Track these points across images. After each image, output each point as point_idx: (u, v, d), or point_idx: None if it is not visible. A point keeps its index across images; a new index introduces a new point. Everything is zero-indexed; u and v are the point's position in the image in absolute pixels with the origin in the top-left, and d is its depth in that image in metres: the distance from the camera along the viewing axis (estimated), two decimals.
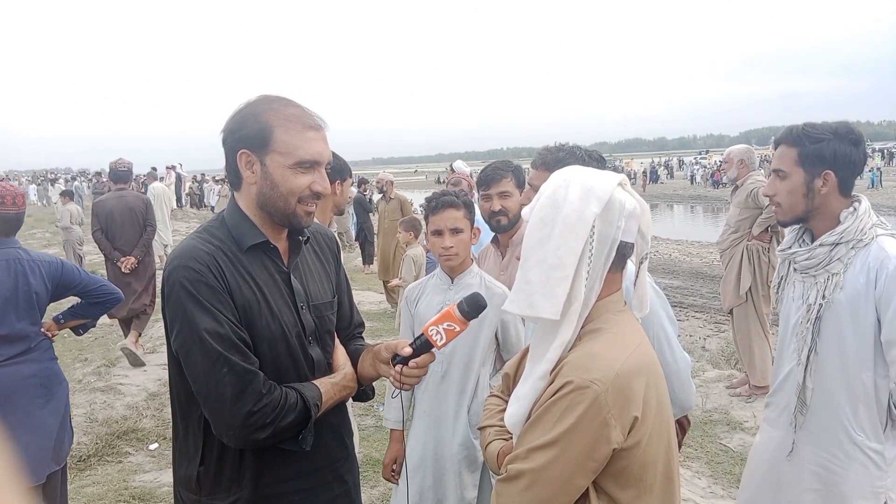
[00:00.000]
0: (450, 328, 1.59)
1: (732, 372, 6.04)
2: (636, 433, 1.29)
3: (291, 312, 1.63)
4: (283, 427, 1.52)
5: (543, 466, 1.28)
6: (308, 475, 1.66)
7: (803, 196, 2.03)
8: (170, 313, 1.53)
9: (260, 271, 1.59)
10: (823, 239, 2.02)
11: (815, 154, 1.99)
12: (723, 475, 4.15)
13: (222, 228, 1.61)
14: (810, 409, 2.03)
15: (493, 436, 1.58)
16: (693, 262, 14.28)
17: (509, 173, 2.89)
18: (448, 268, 2.58)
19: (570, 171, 1.45)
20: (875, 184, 33.10)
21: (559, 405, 1.29)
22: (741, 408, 5.17)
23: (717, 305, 8.26)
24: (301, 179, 1.55)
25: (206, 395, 1.49)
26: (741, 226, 5.26)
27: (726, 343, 7.06)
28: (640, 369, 1.33)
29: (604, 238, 1.36)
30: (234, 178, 1.61)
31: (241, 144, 1.55)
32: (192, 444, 1.60)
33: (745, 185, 5.21)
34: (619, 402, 1.27)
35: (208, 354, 1.46)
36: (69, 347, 7.79)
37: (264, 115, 1.55)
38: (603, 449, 1.27)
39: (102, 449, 4.61)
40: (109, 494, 3.99)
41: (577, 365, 1.31)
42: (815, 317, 2.00)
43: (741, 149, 5.47)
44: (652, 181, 46.26)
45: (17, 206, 3.04)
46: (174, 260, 1.53)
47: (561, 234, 1.34)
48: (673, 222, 25.41)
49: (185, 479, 1.63)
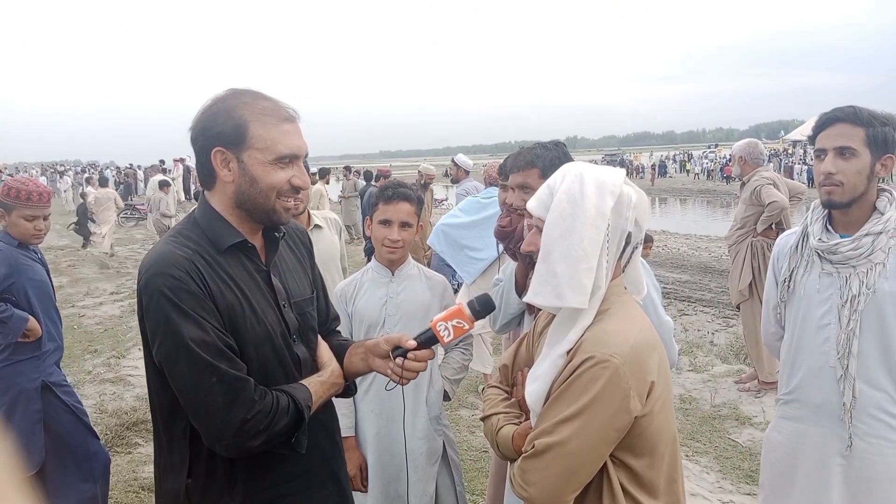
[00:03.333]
0: (458, 325, 1.61)
1: (741, 367, 6.01)
2: (651, 400, 1.39)
3: (274, 312, 1.58)
4: (277, 432, 1.48)
5: (569, 438, 1.37)
6: (302, 476, 1.63)
7: (867, 178, 2.00)
8: (150, 324, 1.45)
9: (239, 272, 1.54)
10: (870, 228, 1.99)
11: (884, 137, 1.98)
12: (731, 470, 4.13)
13: (196, 230, 1.54)
14: (857, 400, 2.01)
15: (503, 421, 1.63)
16: (701, 257, 14.21)
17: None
18: (389, 260, 2.54)
19: (579, 166, 1.53)
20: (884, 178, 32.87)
21: (582, 379, 1.38)
22: (750, 403, 5.16)
23: (726, 300, 8.23)
24: (281, 174, 1.51)
25: (196, 407, 1.43)
26: (747, 222, 5.30)
27: (735, 338, 7.04)
28: (649, 342, 1.44)
29: (616, 229, 1.46)
30: (207, 178, 1.55)
31: (215, 142, 1.49)
32: (178, 456, 1.53)
33: (751, 182, 5.25)
34: (637, 373, 1.37)
35: (195, 364, 1.40)
36: (79, 339, 7.84)
37: (237, 109, 1.48)
38: (624, 418, 1.37)
39: (112, 440, 4.65)
40: (119, 485, 4.02)
41: (595, 341, 1.41)
42: (861, 307, 1.98)
43: (742, 145, 5.50)
44: (660, 175, 46.13)
45: (42, 202, 3.02)
46: (151, 267, 1.45)
47: (583, 228, 1.42)
48: (682, 216, 25.30)
49: (171, 493, 1.55)
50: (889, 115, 2.01)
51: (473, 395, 5.47)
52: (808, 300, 2.11)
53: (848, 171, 1.99)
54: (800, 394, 2.14)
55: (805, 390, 2.12)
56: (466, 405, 5.28)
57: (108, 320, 8.80)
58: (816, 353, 2.08)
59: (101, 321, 8.75)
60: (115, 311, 9.30)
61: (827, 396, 2.05)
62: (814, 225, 2.12)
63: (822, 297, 2.07)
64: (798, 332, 2.15)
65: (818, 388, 2.08)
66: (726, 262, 11.56)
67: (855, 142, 1.98)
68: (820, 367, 2.06)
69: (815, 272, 2.10)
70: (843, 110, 2.02)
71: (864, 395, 2.00)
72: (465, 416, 5.09)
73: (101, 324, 8.63)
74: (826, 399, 2.06)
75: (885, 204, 2.01)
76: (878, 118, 1.98)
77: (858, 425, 2.01)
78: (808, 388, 2.11)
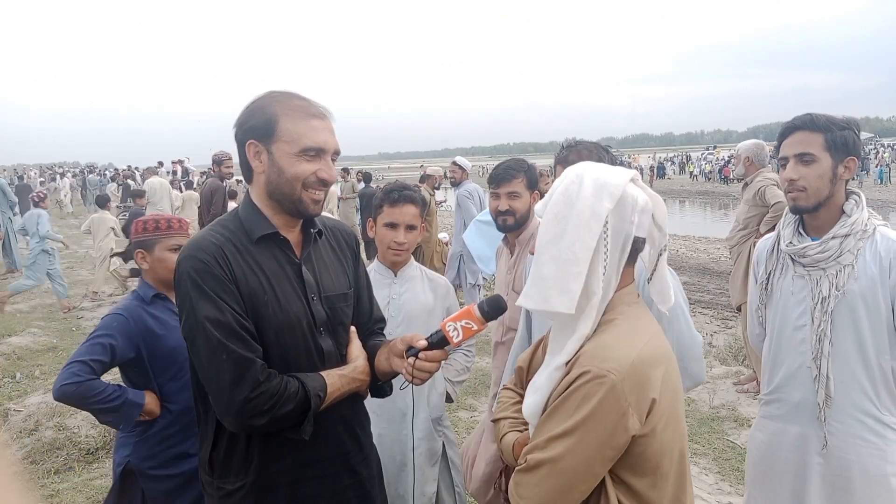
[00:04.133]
0: (468, 326, 1.61)
1: (740, 368, 6.02)
2: (652, 419, 1.32)
3: (302, 303, 1.65)
4: (283, 415, 1.54)
5: (562, 455, 1.31)
6: (315, 464, 1.68)
7: (829, 181, 2.04)
8: (178, 302, 1.58)
9: (269, 262, 1.63)
10: (836, 231, 2.05)
11: (842, 141, 2.03)
12: (730, 472, 4.13)
13: (235, 221, 1.67)
14: (833, 399, 2.04)
15: (507, 428, 1.61)
16: (700, 258, 14.22)
17: (521, 174, 2.84)
18: (392, 262, 2.55)
19: (583, 166, 1.47)
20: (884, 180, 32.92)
21: (577, 395, 1.32)
22: (748, 404, 5.16)
23: (725, 302, 8.23)
24: (306, 166, 1.60)
25: (208, 381, 1.54)
26: (749, 223, 5.26)
27: (734, 339, 7.04)
28: (655, 359, 1.35)
29: (618, 233, 1.38)
30: (247, 171, 1.66)
31: (248, 135, 1.61)
32: (209, 428, 1.66)
33: (754, 183, 5.20)
34: (636, 391, 1.30)
35: (209, 341, 1.51)
36: (78, 341, 7.82)
37: (270, 106, 1.61)
38: (620, 437, 1.30)
39: (110, 442, 4.63)
40: None
41: (593, 355, 1.34)
42: (831, 308, 2.02)
43: (749, 145, 5.44)
44: (659, 177, 46.18)
45: (183, 229, 2.58)
46: (185, 251, 1.58)
47: (575, 230, 1.36)
48: (680, 218, 25.31)
49: (203, 460, 1.69)
50: (849, 120, 2.07)
51: (472, 397, 5.48)
52: (784, 302, 2.16)
53: (809, 176, 2.05)
54: (780, 393, 2.18)
55: (785, 390, 2.16)
56: (465, 407, 5.28)
57: None
58: (794, 354, 2.12)
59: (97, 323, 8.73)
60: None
61: (805, 395, 2.09)
62: (785, 229, 2.18)
63: (796, 298, 2.12)
64: (777, 333, 2.19)
65: (796, 387, 2.12)
66: (725, 264, 11.57)
67: (814, 147, 2.04)
68: (798, 367, 2.11)
69: (789, 275, 2.15)
70: (801, 118, 2.09)
71: (840, 395, 2.03)
72: (464, 417, 5.09)
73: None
74: (804, 398, 2.10)
75: (851, 206, 2.06)
76: (836, 123, 2.04)
77: (835, 424, 2.04)
78: (788, 387, 2.15)
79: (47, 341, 7.81)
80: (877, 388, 2.02)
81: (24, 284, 9.55)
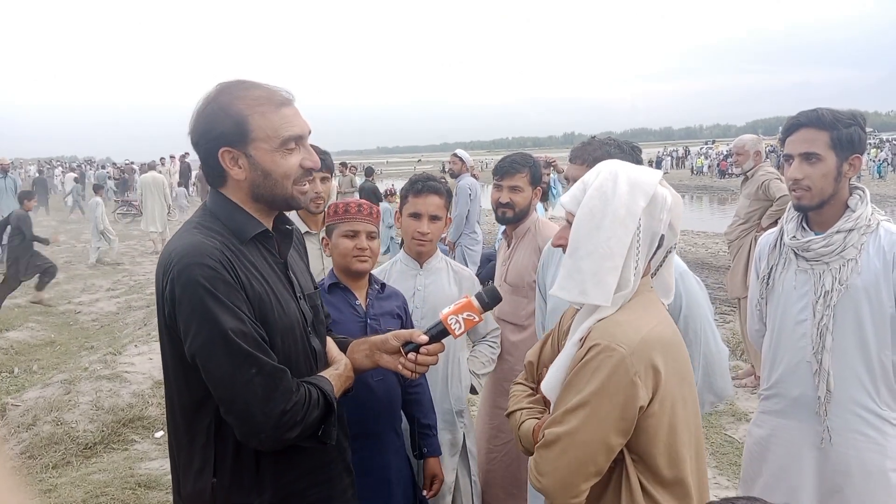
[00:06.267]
0: (469, 318, 1.63)
1: (738, 363, 6.02)
2: (659, 395, 1.38)
3: (295, 303, 1.59)
4: (310, 423, 1.48)
5: (577, 428, 1.37)
6: (322, 468, 1.64)
7: (834, 180, 2.04)
8: (183, 315, 1.41)
9: (261, 263, 1.55)
10: (840, 226, 2.04)
11: (847, 138, 2.01)
12: (728, 466, 4.14)
13: (215, 222, 1.53)
14: (832, 394, 2.04)
15: (525, 415, 1.65)
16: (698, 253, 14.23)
17: (525, 169, 2.91)
18: (417, 253, 2.57)
19: (615, 164, 1.53)
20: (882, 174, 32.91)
21: (588, 367, 1.39)
22: (746, 399, 5.16)
23: (722, 296, 8.23)
24: (290, 159, 1.52)
25: (233, 399, 1.40)
26: (751, 217, 5.24)
27: (731, 334, 7.04)
28: (662, 340, 1.42)
29: (648, 230, 1.45)
30: (216, 177, 1.54)
31: (219, 143, 1.48)
32: (201, 455, 1.50)
33: (756, 177, 5.16)
34: (643, 363, 1.37)
35: (234, 355, 1.38)
36: (75, 335, 7.83)
37: (233, 105, 1.48)
38: (632, 406, 1.36)
39: (108, 437, 4.64)
40: (115, 482, 4.01)
41: (604, 331, 1.42)
42: (834, 302, 2.02)
43: (755, 139, 5.40)
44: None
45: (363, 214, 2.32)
46: (184, 258, 1.42)
47: (611, 226, 1.42)
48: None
49: (197, 493, 1.51)
50: (855, 114, 2.05)
51: None
52: (786, 297, 2.16)
53: (814, 175, 2.04)
54: (780, 388, 2.18)
55: (784, 385, 2.16)
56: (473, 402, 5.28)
57: (104, 317, 8.78)
58: (794, 349, 2.12)
59: (98, 317, 8.73)
60: (112, 307, 9.28)
61: (804, 390, 2.09)
62: (789, 223, 2.18)
63: (798, 293, 2.11)
64: (777, 328, 2.19)
65: (796, 382, 2.12)
66: (723, 258, 11.56)
67: (819, 146, 2.03)
68: (798, 361, 2.11)
69: (792, 269, 2.15)
70: (807, 115, 2.07)
71: (840, 390, 2.03)
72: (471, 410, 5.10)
73: (98, 320, 8.61)
74: (803, 393, 2.09)
75: (856, 201, 2.06)
76: (841, 120, 2.02)
77: (834, 419, 2.04)
78: (787, 382, 2.15)
79: (45, 336, 7.80)
80: (876, 384, 2.01)
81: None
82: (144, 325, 7.62)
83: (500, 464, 2.92)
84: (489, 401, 3.01)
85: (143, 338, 6.83)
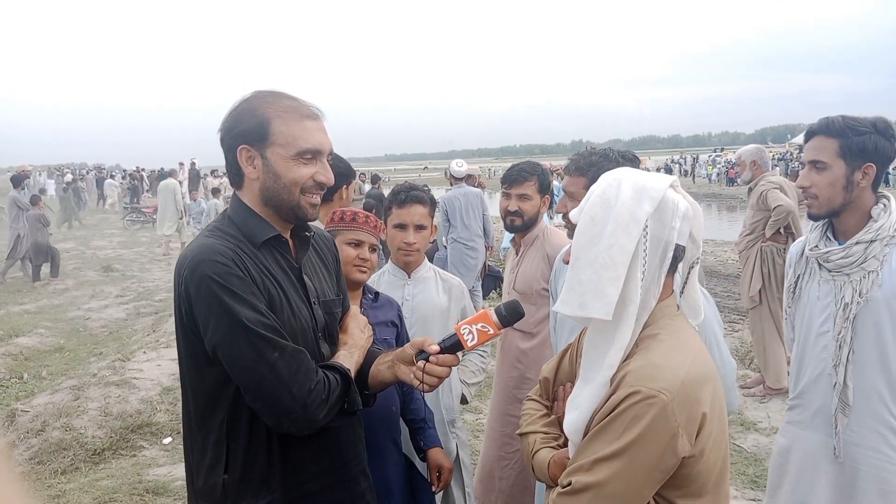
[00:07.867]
0: (483, 330, 1.55)
1: (746, 372, 5.98)
2: (701, 439, 1.27)
3: (307, 308, 1.61)
4: (334, 401, 1.51)
5: (609, 479, 1.25)
6: (336, 470, 1.64)
7: (843, 189, 2.00)
8: (201, 310, 1.45)
9: (275, 267, 1.57)
10: (860, 237, 1.99)
11: (859, 146, 1.97)
12: (736, 475, 4.10)
13: (231, 226, 1.57)
14: (852, 408, 1.99)
15: (539, 443, 1.52)
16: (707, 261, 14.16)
17: (534, 177, 2.92)
18: (405, 262, 2.57)
19: (621, 171, 1.43)
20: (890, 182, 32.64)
21: (625, 416, 1.25)
22: (755, 408, 5.13)
23: (732, 304, 8.19)
24: (303, 170, 1.54)
25: (260, 384, 1.43)
26: (755, 227, 5.27)
27: (740, 342, 7.00)
28: (703, 377, 1.30)
29: (657, 239, 1.32)
30: (236, 176, 1.60)
31: (239, 140, 1.54)
32: (214, 452, 1.53)
33: (757, 187, 5.21)
34: (686, 411, 1.24)
35: (255, 342, 1.42)
36: (84, 342, 7.87)
37: (260, 108, 1.53)
38: (670, 459, 1.24)
39: (117, 443, 4.65)
40: (123, 488, 4.02)
41: (641, 375, 1.27)
42: (853, 315, 1.97)
43: (752, 150, 5.46)
44: None
45: (368, 226, 2.29)
46: (195, 257, 1.47)
47: (613, 234, 1.31)
48: None
49: (209, 489, 1.54)
50: (873, 123, 1.98)
51: (477, 399, 5.46)
52: (810, 307, 2.13)
53: (820, 183, 2.01)
54: (803, 399, 2.15)
55: (807, 396, 2.13)
56: (471, 409, 5.27)
57: (112, 323, 8.82)
58: (817, 360, 2.09)
59: (107, 324, 8.77)
60: (121, 313, 9.32)
61: (824, 402, 2.06)
62: (812, 232, 2.14)
63: (822, 304, 2.08)
64: (803, 338, 2.16)
65: (817, 394, 2.09)
66: (732, 267, 11.51)
67: (826, 154, 2.00)
68: (820, 373, 2.07)
69: (816, 280, 2.11)
70: (819, 123, 2.05)
71: (859, 405, 1.98)
72: (470, 420, 5.09)
73: (106, 326, 8.65)
74: (823, 405, 2.06)
75: (879, 211, 2.01)
76: (854, 128, 1.97)
77: (852, 434, 2.00)
78: (810, 394, 2.12)
79: (54, 342, 7.84)
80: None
81: None
82: (153, 332, 7.65)
83: (512, 471, 2.92)
84: (499, 408, 3.00)
85: (151, 344, 6.86)
